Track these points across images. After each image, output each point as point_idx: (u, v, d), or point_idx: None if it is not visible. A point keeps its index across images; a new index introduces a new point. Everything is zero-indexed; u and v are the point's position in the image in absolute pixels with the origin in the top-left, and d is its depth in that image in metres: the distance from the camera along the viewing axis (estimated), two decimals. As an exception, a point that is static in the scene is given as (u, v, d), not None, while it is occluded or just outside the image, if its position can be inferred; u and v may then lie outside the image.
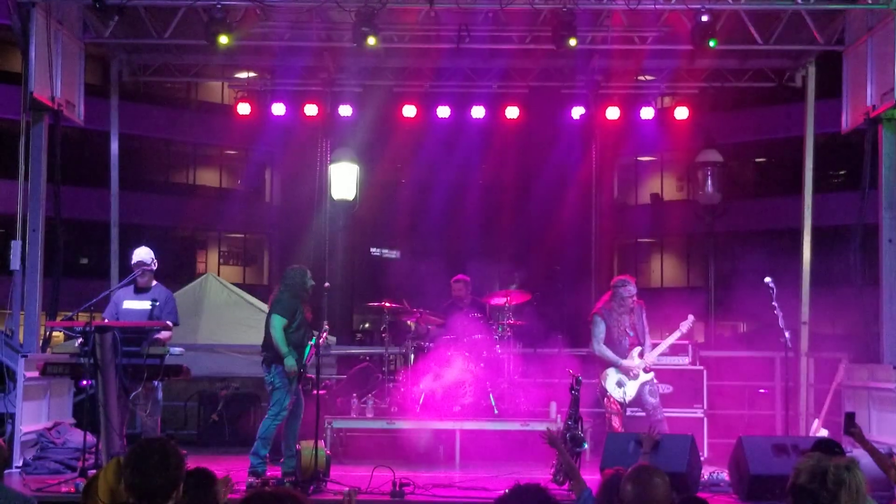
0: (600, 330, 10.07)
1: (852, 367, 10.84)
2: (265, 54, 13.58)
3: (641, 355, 10.05)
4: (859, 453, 8.01)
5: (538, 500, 3.71)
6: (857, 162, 10.84)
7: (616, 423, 9.98)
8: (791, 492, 3.29)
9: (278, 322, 9.04)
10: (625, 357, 10.02)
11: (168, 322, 9.12)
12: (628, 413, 10.10)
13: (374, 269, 33.62)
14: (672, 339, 10.26)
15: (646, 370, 10.05)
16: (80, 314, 9.31)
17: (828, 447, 6.30)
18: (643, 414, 10.20)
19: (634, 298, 10.16)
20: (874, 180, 10.55)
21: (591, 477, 8.85)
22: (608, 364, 10.04)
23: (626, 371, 9.97)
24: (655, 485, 4.15)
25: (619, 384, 10.01)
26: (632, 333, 10.14)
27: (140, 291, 9.44)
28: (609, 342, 10.03)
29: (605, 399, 10.12)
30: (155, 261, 9.51)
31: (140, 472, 3.76)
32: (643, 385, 10.02)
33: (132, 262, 9.49)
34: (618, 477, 5.21)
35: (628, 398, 9.97)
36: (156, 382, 8.97)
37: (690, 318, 10.33)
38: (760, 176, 35.44)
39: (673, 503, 4.19)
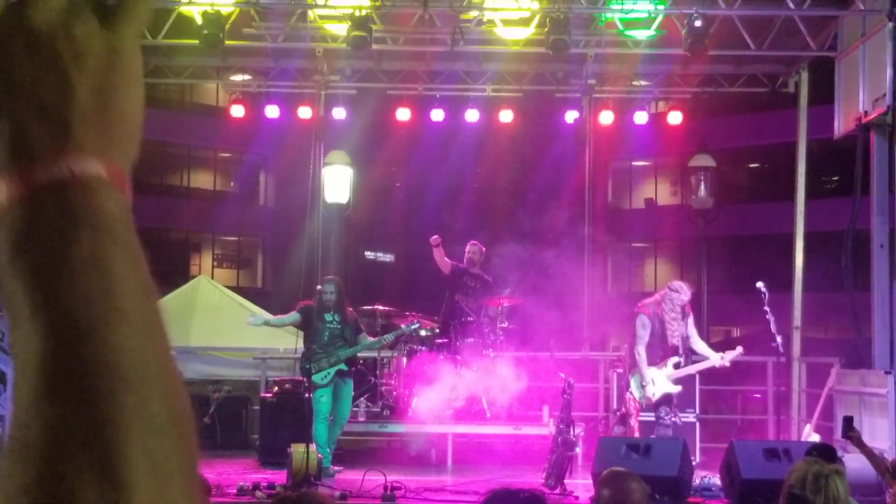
0: (646, 332, 9.90)
1: (844, 372, 10.85)
2: (259, 56, 13.59)
3: (677, 366, 9.88)
4: (854, 457, 8.05)
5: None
6: (849, 168, 10.87)
7: (632, 421, 9.98)
8: (783, 495, 3.31)
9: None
10: (660, 363, 9.87)
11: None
12: (642, 417, 10.08)
13: (368, 273, 33.60)
14: (712, 363, 10.04)
15: (675, 382, 9.88)
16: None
17: (821, 452, 6.30)
18: (652, 419, 10.06)
19: (685, 303, 9.99)
20: (866, 186, 10.58)
21: (584, 481, 8.88)
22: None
23: (647, 389, 9.79)
24: (632, 490, 4.04)
25: (642, 385, 9.89)
26: (676, 342, 9.91)
27: None
28: (650, 345, 9.87)
29: (627, 394, 10.11)
30: None
31: None
32: (670, 397, 9.87)
33: None
34: None
35: (647, 402, 9.85)
36: None
37: (739, 349, 10.14)
38: (753, 181, 35.49)
39: None
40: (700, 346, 10.16)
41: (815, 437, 9.98)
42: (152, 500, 0.64)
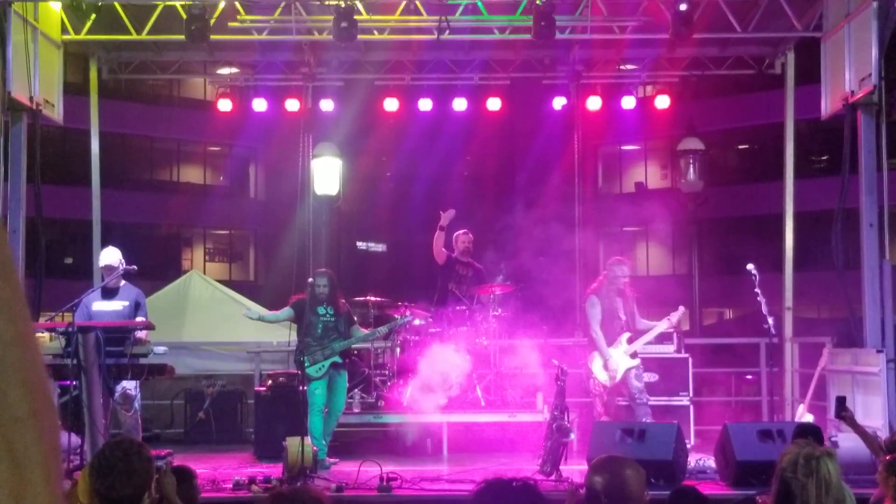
0: (597, 311, 10.22)
1: (836, 351, 10.89)
2: (246, 50, 13.55)
3: (630, 341, 10.18)
4: (848, 437, 8.09)
5: (511, 495, 3.64)
6: (837, 147, 10.89)
7: (599, 405, 10.17)
8: (775, 478, 3.32)
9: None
10: (614, 340, 10.14)
11: (149, 321, 9.10)
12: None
13: (359, 263, 33.60)
14: (661, 327, 10.39)
15: (632, 356, 10.17)
16: (63, 314, 9.27)
17: (805, 433, 6.34)
18: (626, 403, 10.32)
19: (627, 280, 10.32)
20: (854, 165, 10.60)
21: (580, 467, 8.90)
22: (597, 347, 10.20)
23: (609, 365, 10.10)
24: (627, 477, 3.65)
25: (605, 367, 10.14)
26: (623, 317, 10.27)
27: (109, 293, 9.42)
28: (604, 323, 10.17)
29: (591, 380, 10.29)
30: (123, 261, 9.43)
31: (105, 481, 3.62)
32: (629, 370, 10.14)
33: (100, 266, 9.47)
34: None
35: (612, 382, 10.11)
36: (134, 383, 8.97)
37: (681, 309, 10.49)
38: (743, 163, 35.54)
39: (646, 496, 3.79)
40: (643, 322, 10.45)
41: (809, 417, 10.02)
42: (13, 491, 0.62)
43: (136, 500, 3.61)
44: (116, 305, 9.31)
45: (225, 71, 16.27)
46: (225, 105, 14.14)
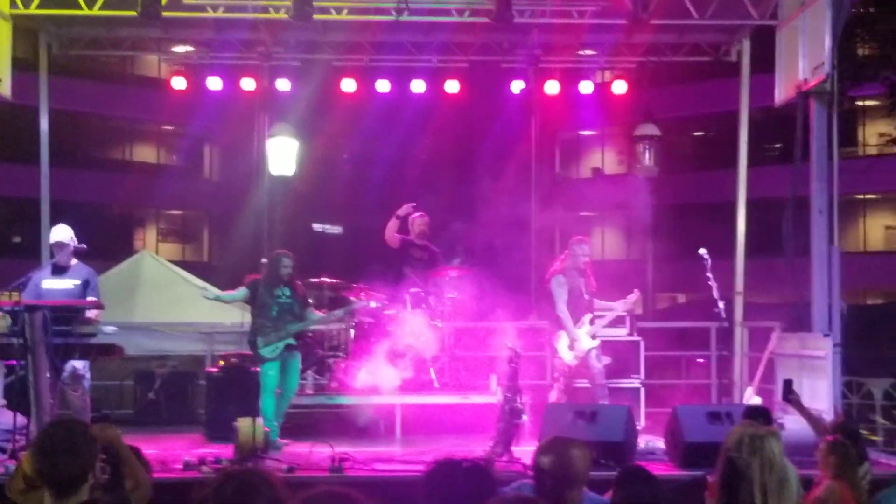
0: (563, 291, 10.33)
1: (784, 335, 11.05)
2: (200, 27, 13.36)
3: (592, 322, 10.36)
4: (794, 419, 8.22)
5: (464, 476, 3.66)
6: (790, 135, 10.99)
7: (560, 384, 10.32)
8: (721, 457, 3.36)
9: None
10: (579, 320, 10.30)
11: (99, 300, 8.99)
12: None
13: (315, 245, 33.44)
14: (618, 310, 10.64)
15: (593, 337, 10.36)
16: (10, 293, 9.13)
17: (751, 415, 6.45)
18: (588, 385, 10.49)
19: (588, 260, 10.47)
20: (806, 153, 10.71)
21: (532, 448, 8.95)
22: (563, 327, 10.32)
23: (574, 344, 10.26)
24: (574, 457, 3.86)
25: (571, 347, 10.30)
26: (587, 297, 10.44)
27: (60, 271, 9.30)
28: (569, 303, 10.31)
29: (556, 359, 10.47)
30: (74, 238, 9.32)
31: (48, 461, 3.57)
32: (590, 350, 10.31)
33: (51, 243, 9.34)
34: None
35: (576, 362, 10.30)
36: (84, 363, 8.87)
37: (636, 292, 10.80)
38: (698, 149, 35.85)
39: (587, 475, 3.91)
40: (599, 303, 10.63)
41: (757, 400, 10.16)
42: None
43: (80, 480, 3.56)
44: (67, 284, 9.18)
45: (180, 49, 16.05)
46: (179, 83, 13.96)
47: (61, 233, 9.30)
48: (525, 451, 8.79)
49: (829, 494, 5.17)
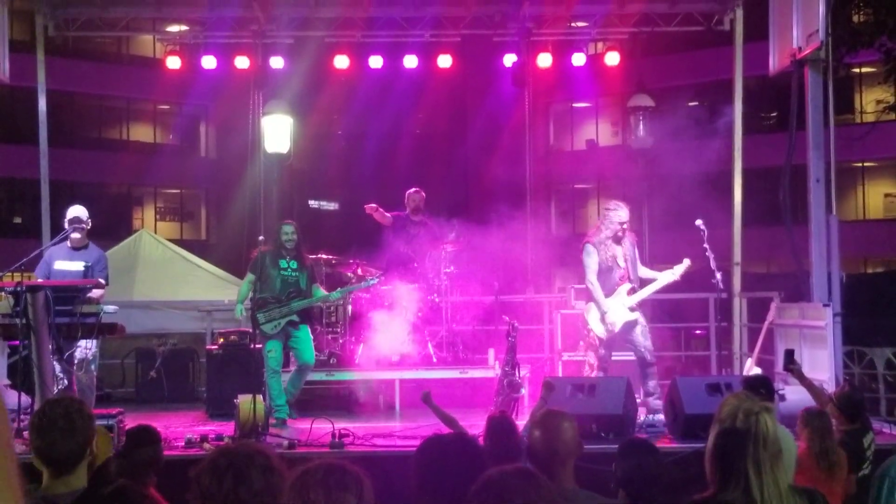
0: (593, 260, 9.48)
1: (784, 305, 11.03)
2: (194, 6, 13.34)
3: (631, 292, 9.58)
4: (795, 389, 8.25)
5: (455, 448, 3.72)
6: (786, 103, 10.96)
7: (594, 359, 9.72)
8: (713, 426, 3.39)
9: None
10: (612, 291, 9.55)
11: (100, 280, 9.02)
12: (615, 357, 9.77)
13: (311, 222, 33.41)
14: (665, 279, 9.65)
15: (631, 309, 9.59)
16: (13, 274, 9.15)
17: (753, 385, 6.47)
18: (634, 358, 9.79)
19: (625, 225, 9.60)
20: (802, 121, 10.68)
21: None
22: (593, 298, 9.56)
23: (607, 318, 9.49)
24: (564, 429, 4.07)
25: (602, 320, 9.54)
26: (623, 265, 9.57)
27: (74, 251, 9.35)
28: (601, 273, 9.52)
29: (587, 331, 9.74)
30: (89, 220, 9.43)
31: (45, 439, 3.57)
32: (633, 327, 9.57)
33: (66, 219, 9.37)
34: (504, 420, 5.23)
35: (609, 335, 9.54)
36: (90, 342, 8.91)
37: (686, 261, 9.75)
38: (692, 119, 35.74)
39: (581, 447, 4.09)
40: (646, 271, 9.86)
41: (757, 371, 10.17)
42: None
43: (77, 458, 3.58)
44: (78, 265, 9.24)
45: (174, 28, 16.02)
46: (174, 63, 13.92)
47: (79, 210, 9.43)
48: (524, 424, 8.85)
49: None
